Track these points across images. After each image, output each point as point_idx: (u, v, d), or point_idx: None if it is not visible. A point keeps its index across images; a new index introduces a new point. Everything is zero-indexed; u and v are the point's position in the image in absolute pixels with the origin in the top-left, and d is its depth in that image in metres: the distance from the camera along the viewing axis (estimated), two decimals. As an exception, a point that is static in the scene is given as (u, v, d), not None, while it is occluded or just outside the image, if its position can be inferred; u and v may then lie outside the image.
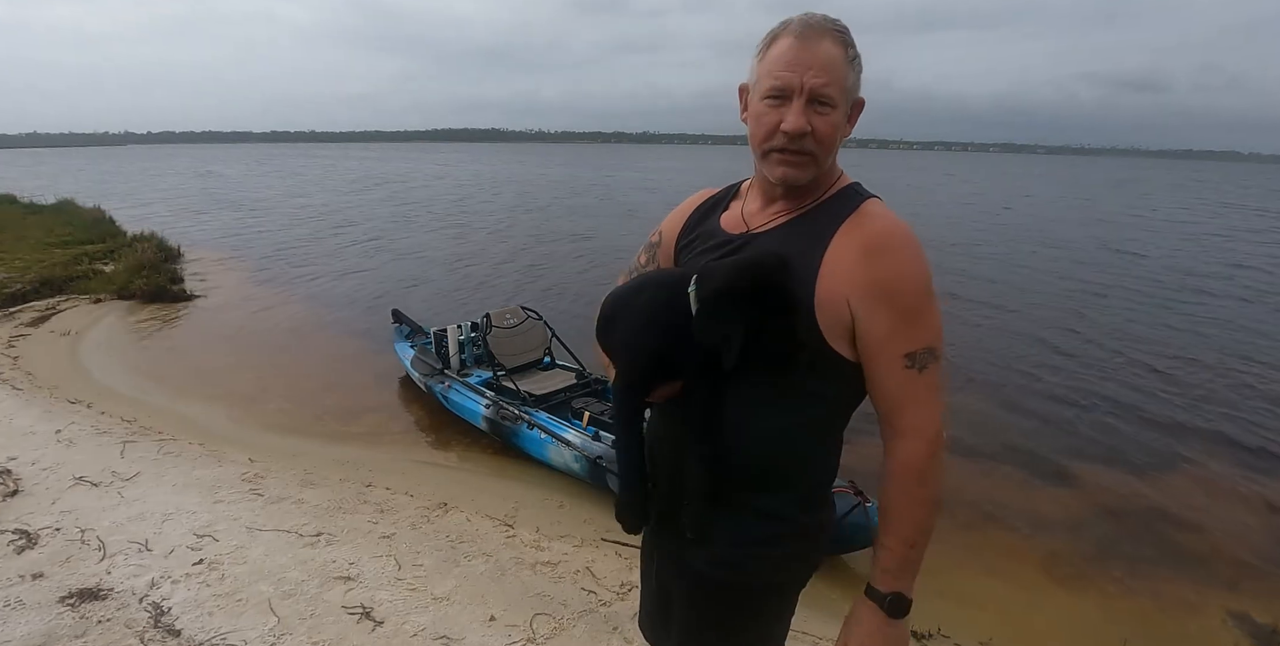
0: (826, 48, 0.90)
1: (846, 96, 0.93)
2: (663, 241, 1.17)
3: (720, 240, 1.05)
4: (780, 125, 0.91)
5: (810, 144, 0.92)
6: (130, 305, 7.84)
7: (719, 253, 1.03)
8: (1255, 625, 3.02)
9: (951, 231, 15.77)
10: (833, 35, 0.91)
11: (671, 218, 1.17)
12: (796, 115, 0.90)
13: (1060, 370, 6.25)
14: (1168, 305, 8.84)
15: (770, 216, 1.02)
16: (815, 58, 0.89)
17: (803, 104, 0.90)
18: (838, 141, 0.95)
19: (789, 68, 0.90)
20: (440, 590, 2.46)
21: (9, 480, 3.12)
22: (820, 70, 0.89)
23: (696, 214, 1.14)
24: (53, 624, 2.12)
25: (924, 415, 0.95)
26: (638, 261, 1.22)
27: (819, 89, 0.89)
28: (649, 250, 1.20)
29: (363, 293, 9.00)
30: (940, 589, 3.17)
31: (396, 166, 49.20)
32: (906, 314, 0.91)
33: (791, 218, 0.99)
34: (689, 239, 1.12)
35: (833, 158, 0.98)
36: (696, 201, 1.16)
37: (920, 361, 0.93)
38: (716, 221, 1.09)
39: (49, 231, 11.33)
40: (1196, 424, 5.12)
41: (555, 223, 16.38)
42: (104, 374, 5.65)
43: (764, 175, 1.00)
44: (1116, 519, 3.88)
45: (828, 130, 0.92)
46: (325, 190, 26.44)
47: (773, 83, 0.91)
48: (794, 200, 1.00)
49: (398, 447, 4.53)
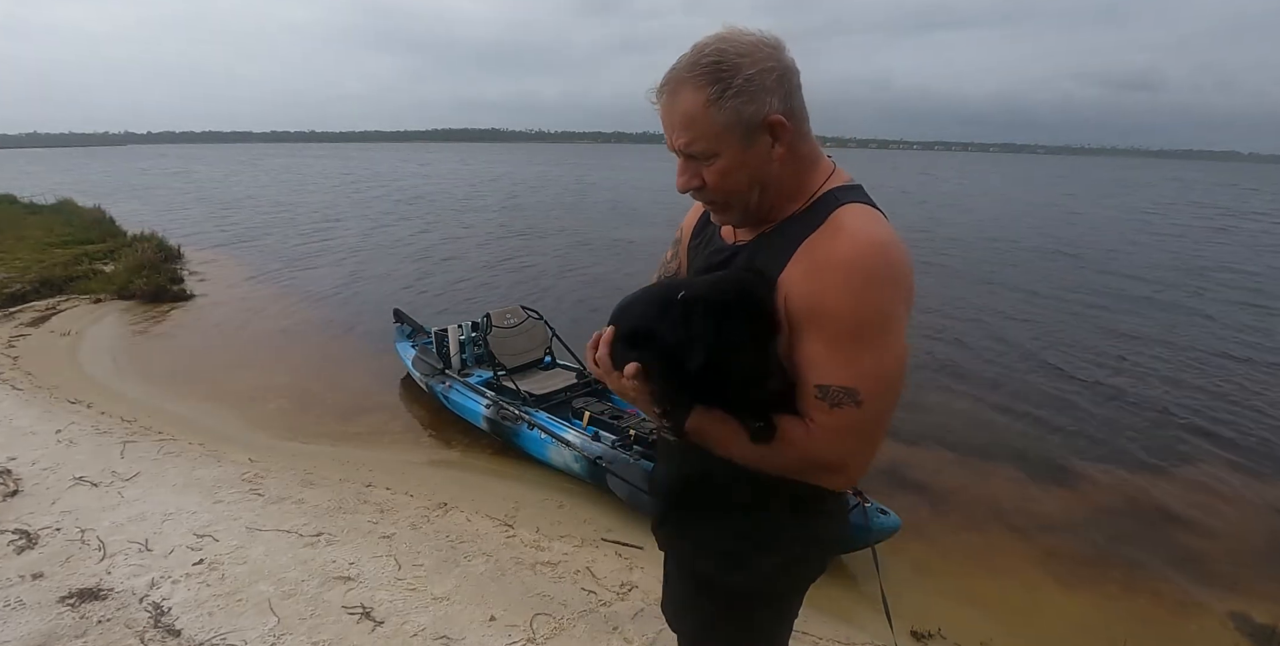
0: (683, 101, 0.86)
1: (729, 138, 0.87)
2: (683, 237, 1.20)
3: (715, 247, 1.07)
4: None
5: (710, 194, 0.93)
6: (130, 305, 7.84)
7: (714, 260, 1.05)
8: (1255, 625, 3.02)
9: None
10: (690, 82, 0.85)
11: (690, 215, 1.20)
12: (680, 175, 0.92)
13: (1060, 370, 6.24)
14: (1167, 304, 8.84)
15: (755, 228, 1.00)
16: (673, 117, 0.88)
17: (684, 163, 0.91)
18: (747, 180, 0.91)
19: (664, 129, 0.90)
20: (440, 590, 2.46)
21: (9, 480, 3.12)
22: (681, 129, 0.87)
23: (705, 214, 1.14)
24: (53, 624, 2.12)
25: (825, 436, 0.87)
26: (665, 257, 1.25)
27: (685, 148, 0.89)
28: (674, 246, 1.23)
29: (363, 292, 9.00)
30: (940, 589, 3.17)
31: (397, 167, 49.19)
32: (832, 344, 0.84)
33: (766, 230, 0.97)
34: (700, 239, 1.14)
35: (759, 189, 0.92)
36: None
37: (833, 398, 0.85)
38: (716, 227, 1.10)
39: (49, 231, 11.33)
40: (1196, 424, 5.12)
41: (553, 222, 16.38)
42: (104, 374, 5.65)
43: None
44: (1116, 519, 3.88)
45: (716, 179, 0.90)
46: (324, 190, 26.48)
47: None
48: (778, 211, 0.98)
49: (398, 447, 4.53)
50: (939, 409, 5.30)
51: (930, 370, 6.20)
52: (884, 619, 2.35)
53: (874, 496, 3.26)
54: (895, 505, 3.30)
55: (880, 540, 3.03)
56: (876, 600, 2.42)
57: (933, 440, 4.75)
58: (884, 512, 3.13)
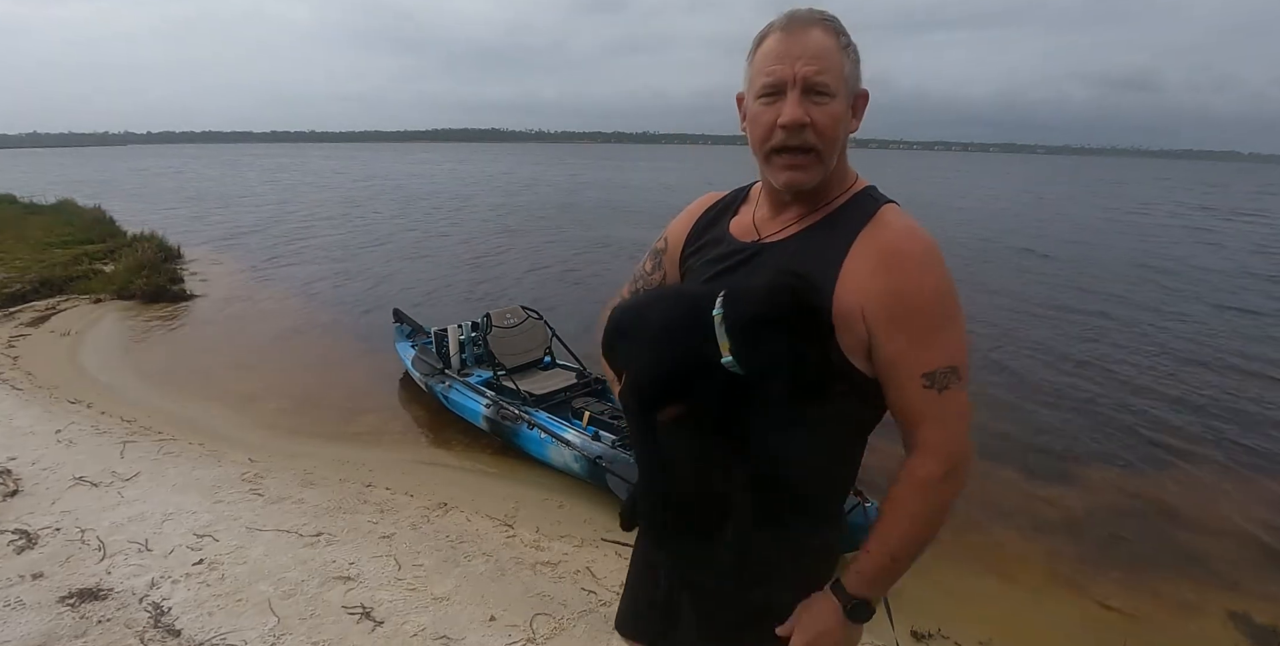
0: (816, 36, 0.86)
1: (845, 86, 0.88)
2: (669, 247, 1.13)
3: (731, 248, 1.01)
4: (777, 121, 0.87)
5: (811, 138, 0.87)
6: (130, 305, 7.84)
7: (730, 261, 0.99)
8: (1255, 625, 3.02)
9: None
10: (822, 25, 0.87)
11: (678, 222, 1.13)
12: (793, 106, 0.86)
13: (1059, 371, 6.24)
14: (1167, 304, 8.84)
15: (783, 224, 0.97)
16: (805, 47, 0.85)
17: (798, 95, 0.86)
18: (842, 136, 0.90)
19: (779, 60, 0.86)
20: (440, 590, 2.46)
21: (9, 480, 3.12)
22: (811, 58, 0.85)
23: (704, 219, 1.10)
24: (53, 624, 2.12)
25: (942, 435, 0.89)
26: (643, 269, 1.18)
27: (812, 77, 0.85)
28: (654, 256, 1.16)
29: (363, 292, 8.99)
30: (940, 589, 3.17)
31: (393, 167, 49.17)
32: (925, 331, 0.86)
33: (805, 227, 0.95)
34: (697, 245, 1.08)
35: (839, 156, 0.92)
36: (704, 205, 1.12)
37: (940, 381, 0.87)
38: (726, 227, 1.05)
39: (49, 231, 11.32)
40: (1197, 424, 5.11)
41: (554, 221, 16.38)
42: (104, 374, 5.65)
43: (768, 182, 0.97)
44: (1116, 519, 3.88)
45: (828, 121, 0.87)
46: (323, 190, 26.48)
47: (765, 79, 0.87)
48: (806, 206, 0.96)
49: (398, 447, 4.53)
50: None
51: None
52: (884, 618, 2.36)
53: (874, 496, 3.26)
54: (895, 505, 3.29)
55: (880, 540, 3.02)
56: (876, 600, 2.42)
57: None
58: (884, 512, 3.13)
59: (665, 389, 0.95)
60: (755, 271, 0.95)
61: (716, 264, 1.01)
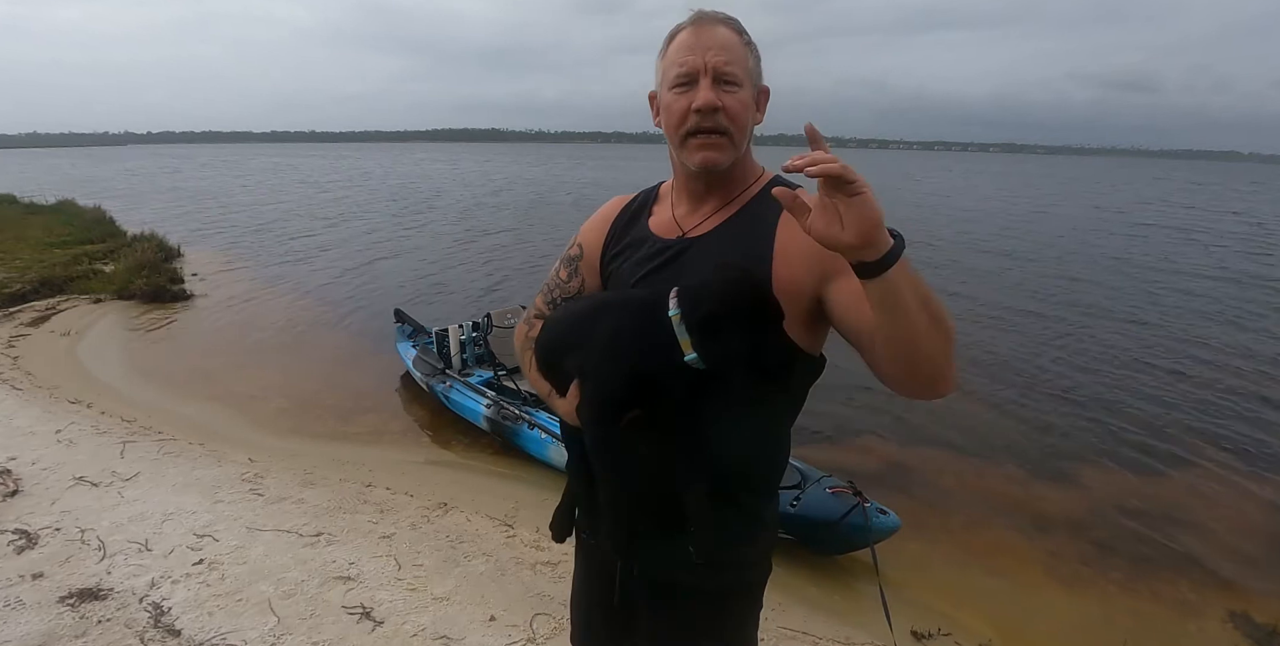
0: (722, 32, 0.93)
1: (750, 79, 0.95)
2: (585, 254, 1.12)
3: (657, 246, 1.03)
4: (691, 106, 0.92)
5: (724, 121, 0.92)
6: (130, 305, 7.84)
7: (659, 259, 1.01)
8: (1255, 625, 3.02)
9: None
10: (726, 23, 0.94)
11: (590, 228, 1.13)
12: (706, 90, 0.91)
13: (1059, 371, 6.25)
14: (1167, 305, 8.84)
15: (703, 217, 1.01)
16: (713, 40, 0.92)
17: (710, 82, 0.92)
18: (749, 124, 0.96)
19: (691, 52, 0.92)
20: (440, 590, 2.46)
21: (9, 480, 3.12)
22: (720, 50, 0.92)
23: (620, 221, 1.10)
24: (53, 624, 2.12)
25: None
26: (558, 277, 1.15)
27: (721, 67, 0.91)
28: (569, 264, 1.13)
29: (364, 292, 9.00)
30: (940, 589, 3.18)
31: (388, 167, 49.17)
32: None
33: (727, 217, 0.99)
34: (618, 248, 1.08)
35: (748, 143, 0.98)
36: (615, 209, 1.12)
37: None
38: (646, 227, 1.06)
39: (49, 231, 11.33)
40: (1196, 424, 5.12)
41: (554, 219, 16.38)
42: (104, 374, 5.65)
43: (685, 170, 1.00)
44: (1116, 519, 3.88)
45: (738, 107, 0.93)
46: (322, 189, 26.49)
47: (678, 70, 0.93)
48: (722, 196, 1.01)
49: (398, 447, 4.53)
50: (939, 409, 5.30)
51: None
52: (884, 619, 2.36)
53: (874, 496, 3.26)
54: (895, 505, 3.30)
55: (880, 540, 3.03)
56: (876, 600, 2.42)
57: (932, 440, 4.75)
58: (884, 512, 3.13)
59: (631, 395, 0.95)
60: (686, 266, 0.98)
61: (645, 263, 1.02)
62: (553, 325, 1.07)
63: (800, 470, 3.45)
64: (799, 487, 3.28)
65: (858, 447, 4.63)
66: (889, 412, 5.15)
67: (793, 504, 3.17)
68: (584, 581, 1.23)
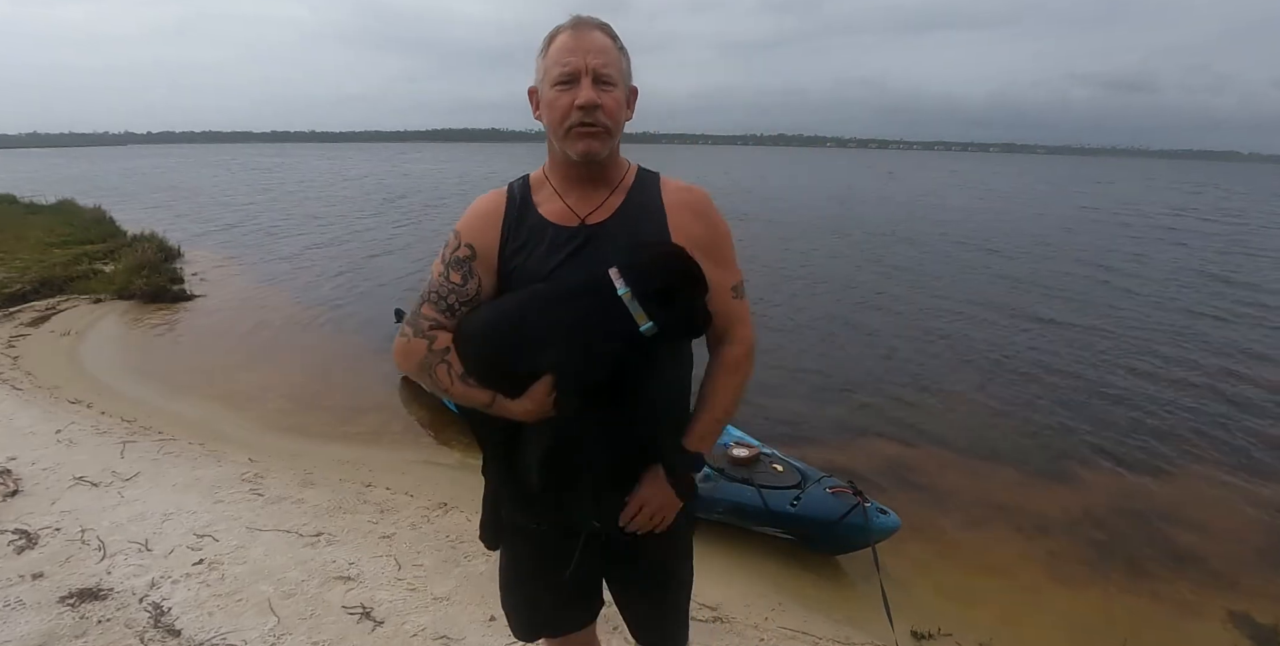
0: (599, 36, 1.04)
1: (623, 79, 1.07)
2: (479, 253, 1.10)
3: (564, 234, 1.09)
4: (574, 102, 1.02)
5: (602, 117, 1.03)
6: (130, 305, 7.84)
7: (572, 245, 1.08)
8: (1255, 625, 3.02)
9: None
10: (602, 28, 1.05)
11: (477, 228, 1.12)
12: (587, 90, 1.02)
13: (1059, 370, 6.25)
14: (1161, 305, 8.85)
15: (595, 205, 1.11)
16: (592, 44, 1.03)
17: (590, 81, 1.02)
18: (622, 119, 1.08)
19: (572, 54, 1.02)
20: (440, 590, 2.46)
21: (9, 480, 3.12)
22: (598, 53, 1.03)
23: (510, 217, 1.11)
24: (53, 624, 2.12)
25: (745, 330, 1.19)
26: (449, 282, 1.10)
27: (600, 69, 1.02)
28: (461, 266, 1.10)
29: (364, 292, 9.00)
30: (940, 589, 3.18)
31: (384, 167, 49.15)
32: (727, 258, 1.16)
33: (619, 203, 1.12)
34: (518, 242, 1.10)
35: (619, 137, 1.10)
36: (498, 205, 1.13)
37: (739, 292, 1.18)
38: (540, 217, 1.11)
39: (49, 231, 11.32)
40: (1196, 424, 5.12)
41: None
42: (104, 374, 5.65)
43: (567, 160, 1.08)
44: (1116, 519, 3.88)
45: (614, 105, 1.05)
46: (321, 190, 26.49)
47: (561, 69, 1.02)
48: (605, 185, 1.12)
49: (398, 447, 4.53)
50: (939, 409, 5.31)
51: (930, 370, 6.20)
52: (884, 619, 2.36)
53: (874, 496, 3.26)
54: (895, 505, 3.30)
55: (880, 540, 3.03)
56: (876, 600, 2.42)
57: (932, 440, 4.75)
58: (884, 512, 3.13)
59: (609, 375, 1.04)
60: (598, 251, 1.07)
61: (556, 252, 1.09)
62: (484, 330, 1.06)
63: (800, 470, 3.45)
64: (799, 487, 3.28)
65: (858, 447, 4.63)
66: (889, 413, 5.15)
67: (793, 504, 3.17)
68: (532, 567, 1.27)
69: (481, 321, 1.07)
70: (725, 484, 3.32)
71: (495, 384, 1.06)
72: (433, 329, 1.09)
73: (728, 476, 3.37)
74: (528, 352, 1.03)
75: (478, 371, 1.06)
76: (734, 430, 3.99)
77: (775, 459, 3.54)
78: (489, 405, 1.07)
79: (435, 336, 1.08)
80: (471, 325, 1.08)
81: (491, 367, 1.06)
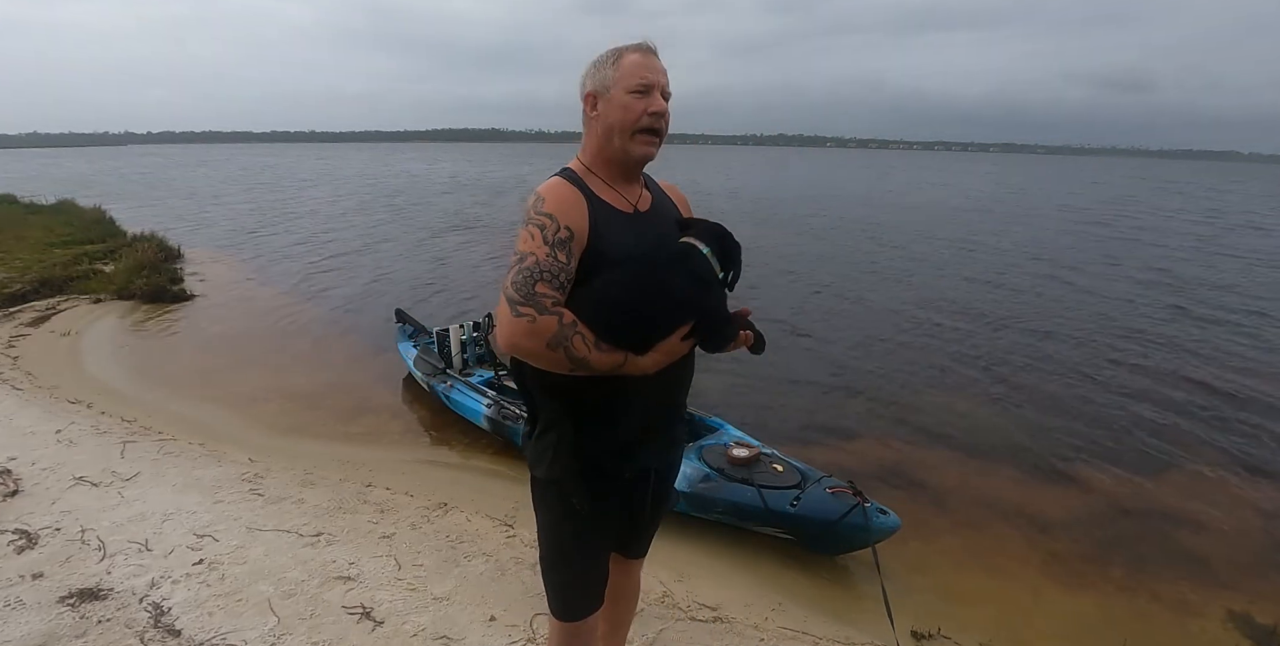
0: (660, 62, 1.29)
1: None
2: (575, 234, 1.20)
3: (631, 217, 1.31)
4: (648, 109, 1.24)
5: (664, 125, 1.28)
6: (130, 305, 7.84)
7: (640, 226, 1.30)
8: (1255, 625, 3.02)
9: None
10: (658, 55, 1.29)
11: (570, 211, 1.22)
12: (661, 102, 1.26)
13: (1060, 371, 6.25)
14: (1167, 305, 8.84)
15: (637, 195, 1.35)
16: (660, 66, 1.28)
17: (659, 95, 1.26)
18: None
19: (649, 70, 1.25)
20: (440, 590, 2.46)
21: (9, 480, 3.12)
22: (663, 74, 1.28)
23: (591, 203, 1.26)
24: (53, 624, 2.12)
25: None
26: (558, 261, 1.18)
27: (666, 87, 1.28)
28: (564, 247, 1.19)
29: (364, 292, 9.00)
30: (940, 589, 3.18)
31: (381, 167, 49.13)
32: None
33: (653, 196, 1.39)
34: (603, 226, 1.26)
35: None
36: (575, 191, 1.26)
37: None
38: (607, 205, 1.28)
39: (49, 231, 11.32)
40: (1196, 424, 5.12)
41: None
42: (104, 374, 5.65)
43: (625, 157, 1.28)
44: (1116, 519, 3.88)
45: (669, 118, 1.29)
46: (319, 189, 26.49)
47: (640, 80, 1.24)
48: (637, 181, 1.36)
49: (398, 447, 4.53)
50: (939, 409, 5.30)
51: (930, 370, 6.20)
52: (884, 619, 2.36)
53: (874, 496, 3.26)
54: (895, 505, 3.30)
55: (880, 540, 3.03)
56: (876, 600, 2.42)
57: (933, 440, 4.75)
58: (884, 512, 3.13)
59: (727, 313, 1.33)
60: (655, 229, 1.32)
61: (628, 232, 1.28)
62: (628, 296, 1.20)
63: (800, 470, 3.44)
64: (799, 487, 3.28)
65: (858, 448, 4.63)
66: (889, 412, 5.16)
67: (792, 504, 3.17)
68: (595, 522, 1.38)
69: (622, 288, 1.20)
70: (725, 484, 3.32)
71: (628, 345, 1.20)
72: (555, 305, 1.15)
73: (727, 476, 3.36)
74: (659, 312, 1.22)
75: (621, 335, 1.19)
76: (734, 430, 3.99)
77: (775, 459, 3.54)
78: (621, 365, 1.20)
79: (561, 312, 1.15)
80: (608, 294, 1.19)
81: (637, 328, 1.21)
